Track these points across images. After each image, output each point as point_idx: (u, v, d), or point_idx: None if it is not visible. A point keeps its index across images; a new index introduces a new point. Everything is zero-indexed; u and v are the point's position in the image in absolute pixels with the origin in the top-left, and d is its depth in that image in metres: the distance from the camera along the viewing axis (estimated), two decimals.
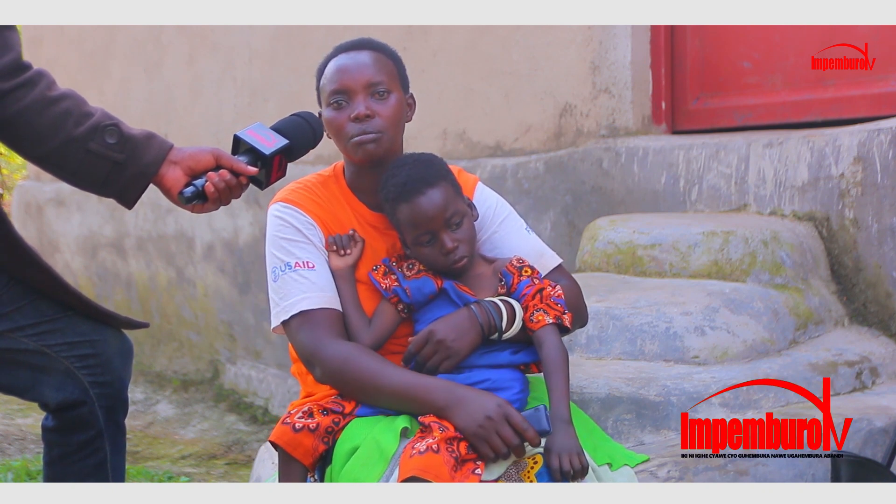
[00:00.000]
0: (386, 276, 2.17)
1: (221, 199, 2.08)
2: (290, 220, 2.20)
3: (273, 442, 2.07)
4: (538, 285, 2.12)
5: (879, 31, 3.20)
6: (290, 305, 2.15)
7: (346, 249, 2.19)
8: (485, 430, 1.93)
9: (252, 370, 5.37)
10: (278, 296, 2.18)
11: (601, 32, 3.68)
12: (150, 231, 5.95)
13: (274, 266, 2.19)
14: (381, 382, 2.05)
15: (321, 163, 4.32)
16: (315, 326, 2.13)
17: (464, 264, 2.13)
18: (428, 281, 2.15)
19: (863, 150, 2.97)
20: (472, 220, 2.19)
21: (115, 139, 2.03)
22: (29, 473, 4.26)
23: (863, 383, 2.74)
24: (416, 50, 4.24)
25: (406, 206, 2.13)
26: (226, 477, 4.48)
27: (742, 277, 2.89)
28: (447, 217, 2.11)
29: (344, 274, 2.18)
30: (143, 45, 5.93)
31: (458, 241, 2.12)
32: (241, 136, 2.09)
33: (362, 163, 2.18)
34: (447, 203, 2.11)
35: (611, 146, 3.62)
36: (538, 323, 2.08)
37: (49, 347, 2.32)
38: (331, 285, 2.17)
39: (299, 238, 2.18)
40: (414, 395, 2.02)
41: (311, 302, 2.14)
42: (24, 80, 1.98)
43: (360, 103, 2.15)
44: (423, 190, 2.11)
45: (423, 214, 2.11)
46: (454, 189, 2.15)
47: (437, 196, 2.11)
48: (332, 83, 2.18)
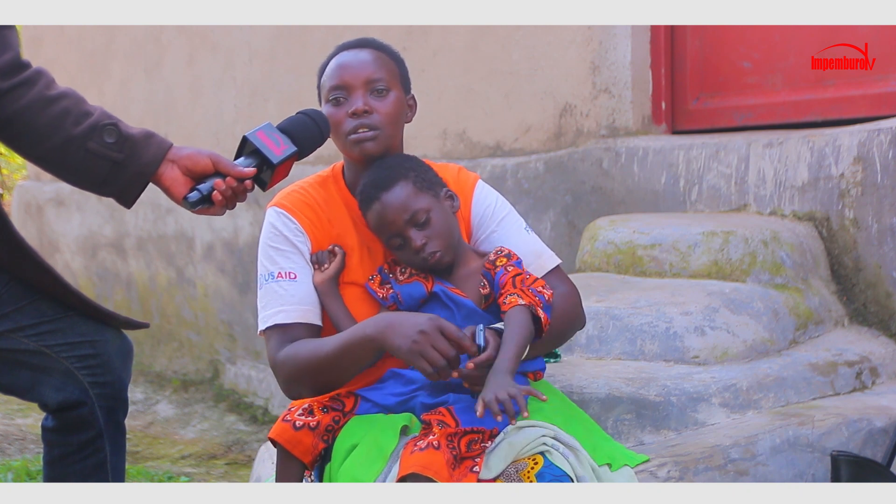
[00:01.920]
0: (382, 285, 2.18)
1: (227, 204, 2.09)
2: (280, 227, 2.21)
3: (273, 439, 2.08)
4: (513, 271, 2.10)
5: (879, 31, 3.20)
6: (267, 317, 2.18)
7: (325, 264, 2.19)
8: (419, 345, 1.93)
9: (252, 370, 5.37)
10: (260, 304, 2.22)
11: (601, 32, 3.68)
12: (150, 231, 5.95)
13: (261, 273, 2.23)
14: (321, 353, 2.07)
15: (321, 163, 4.32)
16: (280, 337, 2.16)
17: (439, 258, 2.12)
18: (418, 285, 2.15)
19: (863, 150, 2.97)
20: (450, 212, 2.16)
21: (114, 138, 2.03)
22: (29, 473, 4.26)
23: (863, 383, 2.74)
24: (416, 50, 4.24)
25: (368, 214, 2.15)
26: (226, 477, 4.48)
27: (742, 277, 2.89)
28: (407, 218, 2.10)
29: (327, 289, 2.19)
30: (143, 45, 5.93)
31: (428, 238, 2.11)
32: (251, 138, 2.08)
33: (359, 160, 2.19)
34: (404, 203, 2.10)
35: (611, 146, 3.62)
36: (509, 304, 2.04)
37: (49, 348, 2.32)
38: (311, 297, 2.19)
39: (286, 247, 2.20)
40: (351, 342, 2.04)
41: (286, 315, 2.17)
42: (23, 80, 1.98)
43: (359, 99, 2.16)
44: (377, 196, 2.12)
45: (383, 219, 2.12)
46: (416, 187, 2.13)
47: (391, 199, 2.11)
48: (332, 79, 2.19)
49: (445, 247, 2.13)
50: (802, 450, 2.41)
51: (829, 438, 2.43)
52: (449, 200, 2.18)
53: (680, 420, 2.47)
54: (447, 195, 2.19)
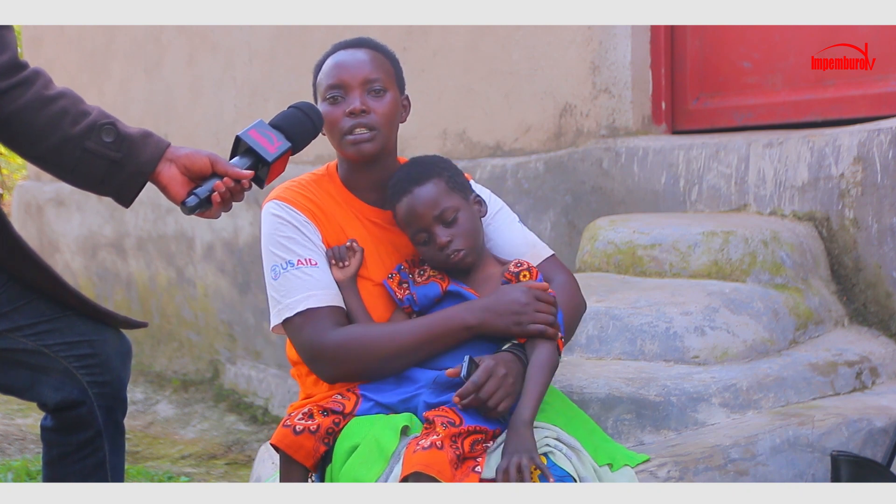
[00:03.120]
0: (400, 284, 2.19)
1: (225, 205, 2.09)
2: (287, 217, 2.20)
3: (274, 445, 2.08)
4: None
5: (879, 31, 3.20)
6: (294, 303, 2.14)
7: (345, 261, 2.19)
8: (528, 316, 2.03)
9: (252, 370, 5.37)
10: (279, 294, 2.17)
11: (601, 32, 3.68)
12: (150, 231, 5.95)
13: (274, 264, 2.19)
14: (397, 340, 2.08)
15: (321, 163, 4.32)
16: (318, 321, 2.13)
17: (462, 258, 2.14)
18: (434, 285, 2.16)
19: (863, 150, 2.97)
20: (476, 216, 2.20)
21: (112, 138, 2.03)
22: (29, 473, 4.26)
23: (863, 383, 2.74)
24: (416, 50, 4.24)
25: (398, 207, 2.17)
26: (226, 477, 4.48)
27: (742, 277, 2.89)
28: (436, 214, 2.13)
29: (346, 284, 2.18)
30: (143, 45, 5.93)
31: (453, 236, 2.13)
32: (243, 137, 2.09)
33: (355, 160, 2.20)
34: (436, 200, 2.13)
35: (611, 146, 3.62)
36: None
37: (48, 347, 2.32)
38: (333, 283, 2.18)
39: (298, 236, 2.19)
40: (446, 330, 2.06)
41: (317, 300, 2.14)
42: (21, 80, 1.98)
43: (356, 98, 2.17)
44: (410, 189, 2.14)
45: (412, 212, 2.14)
46: (448, 185, 2.16)
47: (423, 193, 2.13)
48: (329, 78, 2.20)
49: (469, 247, 2.15)
50: (802, 450, 2.40)
51: (829, 438, 2.43)
52: (477, 205, 2.22)
53: (680, 420, 2.47)
54: (476, 199, 2.22)
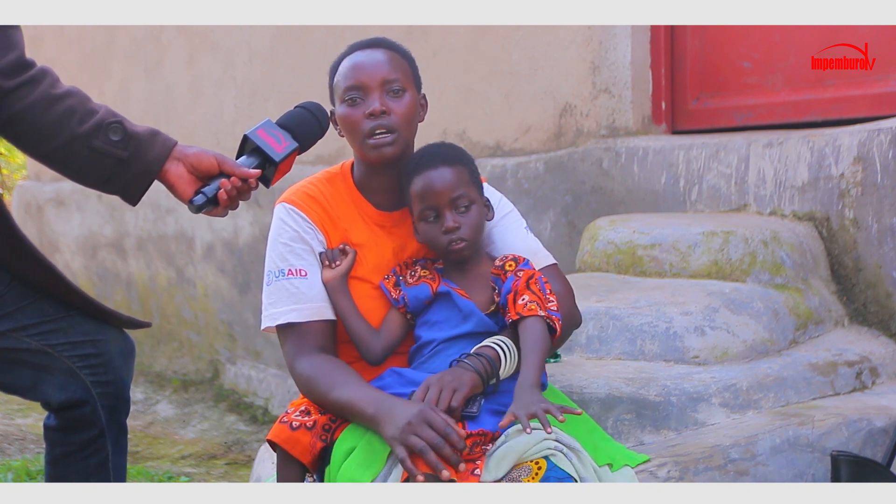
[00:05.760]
0: (396, 286, 2.19)
1: (232, 204, 2.09)
2: (291, 223, 2.21)
3: (271, 441, 2.08)
4: (525, 275, 2.12)
5: (879, 31, 3.20)
6: (278, 314, 2.19)
7: (336, 262, 2.20)
8: (404, 434, 1.93)
9: (252, 370, 5.37)
10: (268, 301, 2.22)
11: (601, 32, 3.68)
12: (150, 231, 5.95)
13: (269, 269, 2.23)
14: (331, 396, 2.08)
15: (321, 163, 4.32)
16: (298, 339, 2.17)
17: (461, 248, 2.14)
18: (424, 287, 2.17)
19: (863, 150, 2.97)
20: (484, 215, 2.20)
21: (119, 136, 2.03)
22: (29, 473, 4.26)
23: (863, 383, 2.74)
24: (416, 50, 4.21)
25: (418, 179, 2.15)
26: (226, 477, 4.48)
27: (742, 277, 2.89)
28: (454, 196, 2.13)
29: (336, 286, 2.19)
30: (143, 45, 5.93)
31: (461, 224, 2.13)
32: (251, 136, 2.09)
33: (376, 163, 2.19)
34: (457, 183, 2.14)
35: (611, 146, 3.62)
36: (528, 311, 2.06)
37: (51, 347, 2.32)
38: (322, 294, 2.19)
39: (297, 244, 2.20)
40: (352, 408, 2.04)
41: (298, 315, 2.17)
42: (28, 78, 1.98)
43: (376, 100, 2.15)
44: (436, 165, 2.15)
45: (431, 187, 2.14)
46: (470, 176, 2.17)
47: (447, 173, 2.14)
48: (348, 80, 2.18)
49: (471, 241, 2.16)
50: (802, 450, 2.41)
51: (829, 438, 2.43)
52: (486, 207, 2.23)
53: (680, 420, 2.47)
54: (486, 201, 2.23)
